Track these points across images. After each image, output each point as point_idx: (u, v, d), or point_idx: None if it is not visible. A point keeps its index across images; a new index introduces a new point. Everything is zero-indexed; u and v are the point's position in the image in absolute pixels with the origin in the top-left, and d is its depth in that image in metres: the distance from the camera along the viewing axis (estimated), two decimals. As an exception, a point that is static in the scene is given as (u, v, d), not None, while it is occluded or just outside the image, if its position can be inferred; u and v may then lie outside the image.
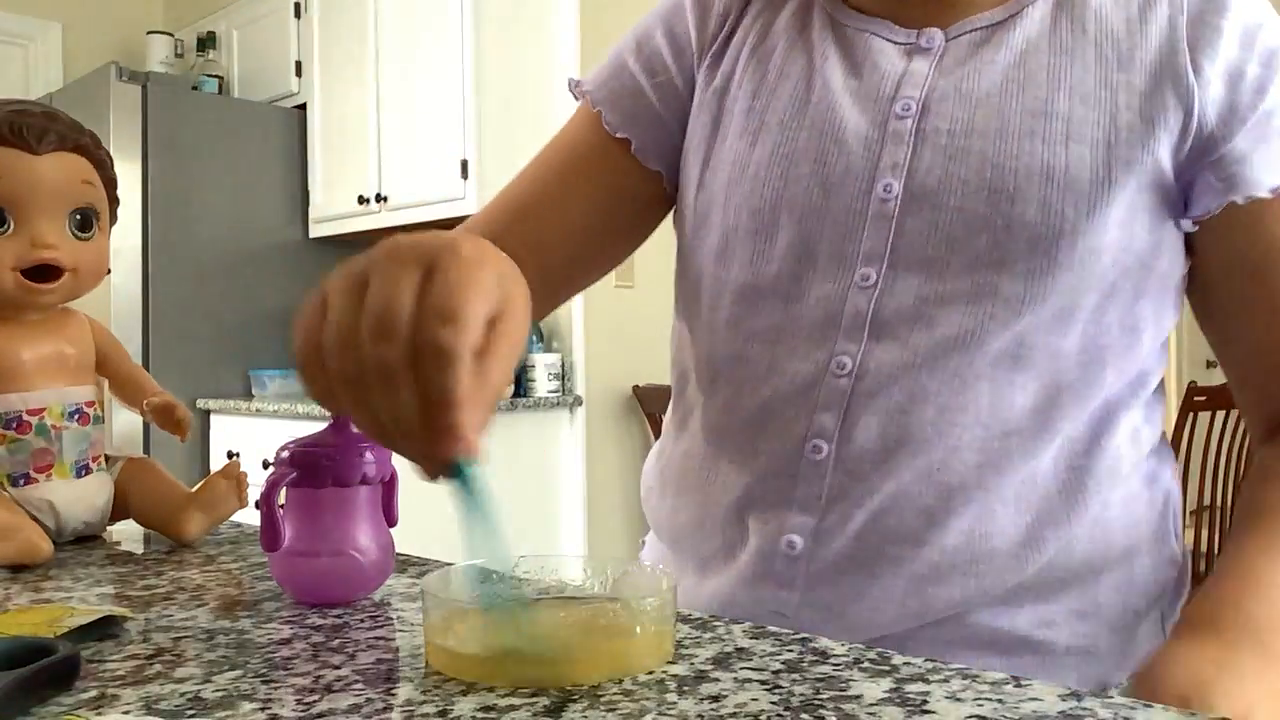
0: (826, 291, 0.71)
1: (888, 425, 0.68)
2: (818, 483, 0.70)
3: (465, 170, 2.92)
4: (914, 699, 0.45)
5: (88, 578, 0.72)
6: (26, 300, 0.79)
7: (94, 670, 0.51)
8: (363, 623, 0.59)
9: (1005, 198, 0.67)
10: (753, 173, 0.75)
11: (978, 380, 0.68)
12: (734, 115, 0.78)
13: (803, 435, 0.70)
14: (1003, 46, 0.71)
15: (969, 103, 0.70)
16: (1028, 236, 0.67)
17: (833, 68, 0.75)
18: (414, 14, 3.09)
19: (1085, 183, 0.67)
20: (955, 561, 0.68)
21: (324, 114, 3.41)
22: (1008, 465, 0.68)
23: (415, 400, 0.42)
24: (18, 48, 4.12)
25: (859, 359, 0.69)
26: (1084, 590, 0.72)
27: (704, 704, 0.45)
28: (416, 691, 0.47)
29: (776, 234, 0.73)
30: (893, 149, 0.71)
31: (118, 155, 3.01)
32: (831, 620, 0.69)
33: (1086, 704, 0.44)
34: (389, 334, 0.42)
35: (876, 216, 0.70)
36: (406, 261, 0.44)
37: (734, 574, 0.74)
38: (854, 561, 0.69)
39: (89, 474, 0.83)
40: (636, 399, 3.13)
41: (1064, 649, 0.71)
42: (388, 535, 0.65)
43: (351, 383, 0.43)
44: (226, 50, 3.80)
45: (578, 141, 0.85)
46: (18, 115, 0.76)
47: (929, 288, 0.68)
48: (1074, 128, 0.68)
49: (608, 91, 0.84)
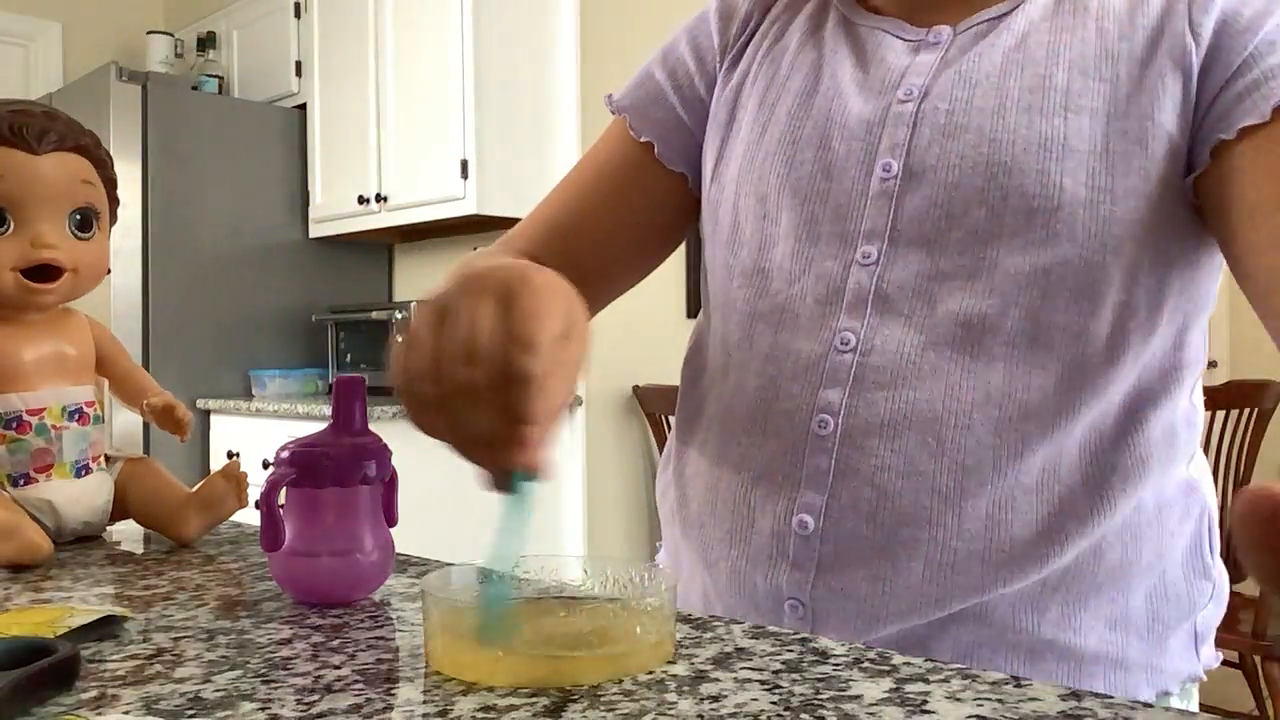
0: (828, 269, 0.72)
1: (894, 400, 0.68)
2: (824, 457, 0.69)
3: (465, 170, 2.92)
4: (914, 699, 0.45)
5: (88, 578, 0.72)
6: (26, 300, 0.79)
7: (94, 670, 0.51)
8: (363, 623, 0.59)
9: (1002, 170, 0.67)
10: (760, 160, 0.77)
11: (991, 360, 0.67)
12: (747, 110, 0.81)
13: (809, 411, 0.70)
14: (1005, 31, 0.72)
15: (969, 84, 0.71)
16: (1025, 208, 0.67)
17: (841, 61, 0.77)
18: (414, 14, 3.09)
19: (1084, 153, 0.67)
20: (974, 547, 0.67)
21: (324, 114, 3.41)
22: (1026, 450, 0.67)
23: (496, 416, 0.48)
24: (18, 48, 4.12)
25: (862, 335, 0.70)
26: (1114, 597, 0.71)
27: (704, 704, 0.45)
28: (416, 691, 0.47)
29: (780, 217, 0.75)
30: (893, 131, 0.72)
31: (118, 155, 3.02)
32: (850, 604, 0.69)
33: (1086, 704, 0.44)
34: (473, 359, 0.48)
35: (877, 195, 0.71)
36: (484, 292, 0.49)
37: (746, 557, 0.73)
38: (869, 543, 0.68)
39: (89, 474, 0.83)
40: (636, 399, 3.13)
41: (1091, 656, 0.70)
42: (388, 535, 0.65)
43: (442, 402, 0.49)
44: (226, 50, 3.80)
45: (609, 154, 0.89)
46: (18, 115, 0.76)
47: (930, 263, 0.69)
48: (1072, 99, 0.68)
49: (633, 99, 0.88)
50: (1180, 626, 0.74)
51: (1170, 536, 0.73)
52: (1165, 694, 0.74)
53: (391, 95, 3.16)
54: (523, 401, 0.48)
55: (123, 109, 3.12)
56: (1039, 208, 0.66)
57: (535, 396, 0.48)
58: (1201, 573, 0.76)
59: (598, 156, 0.90)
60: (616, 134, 0.89)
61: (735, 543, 0.74)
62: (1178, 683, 0.75)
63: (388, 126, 3.18)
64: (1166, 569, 0.73)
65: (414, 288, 3.65)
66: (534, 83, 3.06)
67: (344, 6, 3.31)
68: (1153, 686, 0.73)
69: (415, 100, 3.09)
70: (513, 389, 0.47)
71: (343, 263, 3.60)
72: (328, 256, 3.56)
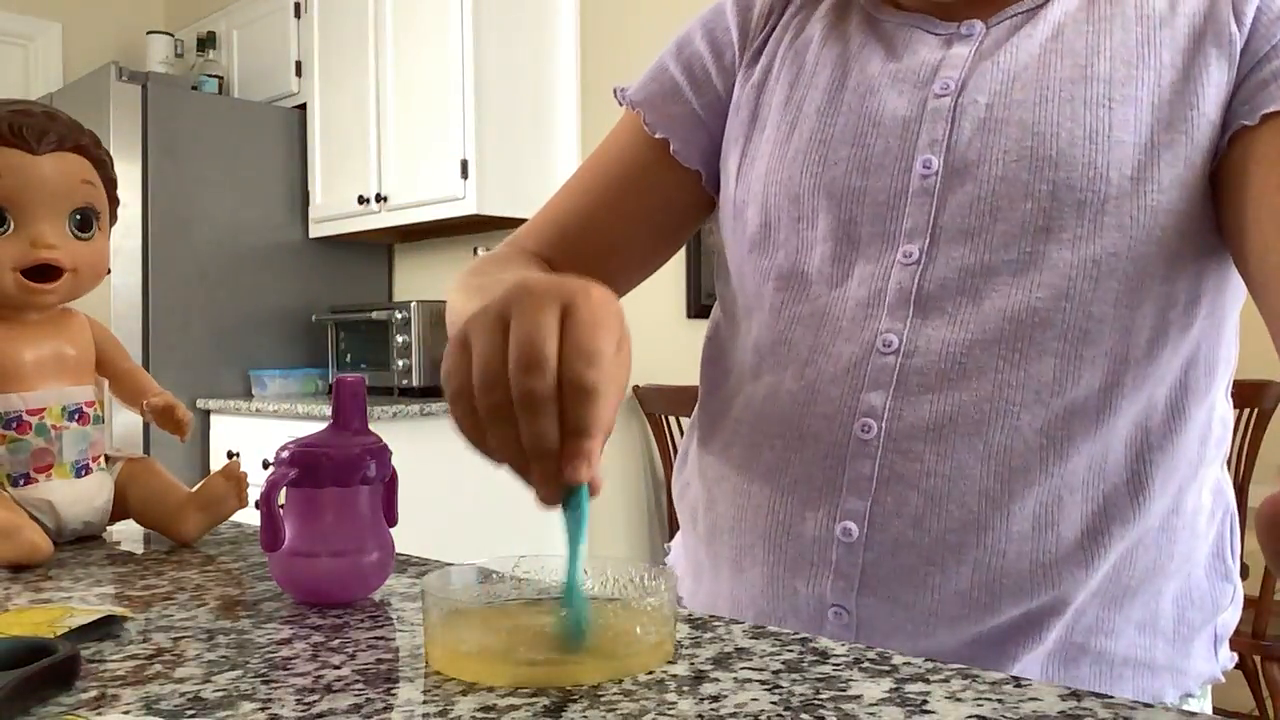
0: (869, 271, 0.70)
1: (940, 402, 0.66)
2: (867, 463, 0.68)
3: (465, 170, 2.92)
4: (914, 699, 0.45)
5: (88, 578, 0.72)
6: (26, 300, 0.79)
7: (94, 670, 0.51)
8: (363, 623, 0.59)
9: (1049, 164, 0.66)
10: (790, 160, 0.75)
11: (1041, 356, 0.66)
12: (771, 108, 0.79)
13: (851, 415, 0.69)
14: (1041, 22, 0.71)
15: (1007, 76, 0.69)
16: (1074, 201, 0.65)
17: (870, 55, 0.75)
18: (414, 14, 3.09)
19: (1130, 144, 0.66)
20: (1022, 549, 0.66)
21: (324, 114, 3.41)
22: (1073, 449, 0.66)
23: (556, 427, 0.47)
24: (18, 48, 4.12)
25: (904, 336, 0.68)
26: (1146, 600, 0.70)
27: (704, 704, 0.45)
28: (416, 691, 0.47)
29: (817, 219, 0.73)
30: (931, 126, 0.70)
31: (118, 155, 3.02)
32: (898, 612, 0.67)
33: (1086, 704, 0.44)
34: (536, 367, 0.46)
35: (917, 193, 0.69)
36: (546, 302, 0.48)
37: (784, 564, 0.71)
38: (915, 549, 0.67)
39: (89, 474, 0.83)
40: (636, 399, 3.12)
41: (1121, 659, 0.70)
42: (388, 535, 0.65)
43: (498, 412, 0.47)
44: (226, 50, 3.80)
45: (620, 150, 0.86)
46: (18, 115, 0.76)
47: (973, 259, 0.67)
48: (1116, 89, 0.67)
49: (647, 94, 0.85)
50: (1204, 629, 0.74)
51: (1199, 539, 0.73)
52: (1188, 696, 0.74)
53: (391, 95, 3.16)
54: (586, 414, 0.47)
55: (123, 109, 3.12)
56: (1087, 200, 0.65)
57: (599, 409, 0.47)
58: (1224, 575, 0.75)
59: (608, 153, 0.88)
60: (628, 130, 0.86)
61: (771, 549, 0.72)
62: (1199, 685, 0.75)
63: (388, 126, 3.18)
64: (1192, 571, 0.73)
65: (414, 288, 3.65)
66: (534, 83, 3.06)
67: (344, 6, 3.31)
68: (1177, 689, 0.73)
69: (415, 100, 3.09)
70: (576, 401, 0.46)
71: (342, 263, 3.60)
72: (327, 256, 3.56)
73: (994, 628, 0.67)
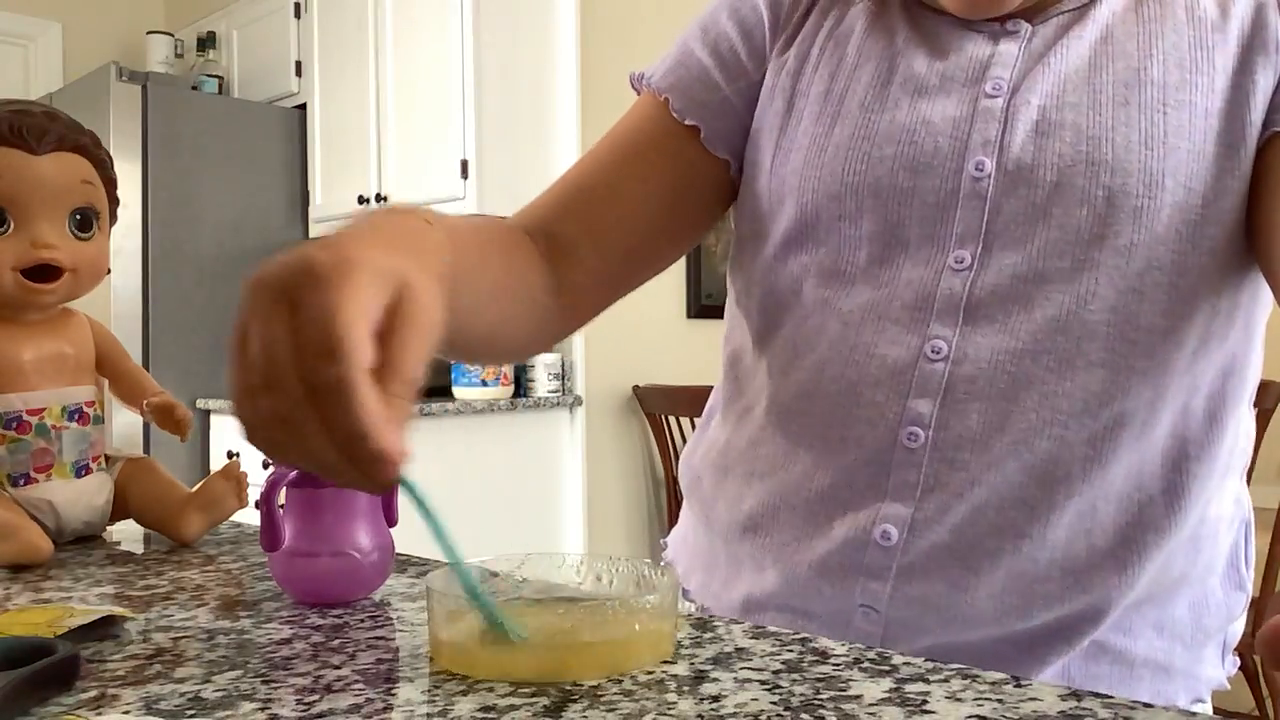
0: (918, 275, 0.68)
1: (988, 412, 0.65)
2: (913, 471, 0.67)
3: (465, 170, 2.92)
4: (914, 699, 0.45)
5: (88, 578, 0.72)
6: (26, 300, 0.79)
7: (94, 670, 0.51)
8: (363, 623, 0.59)
9: (1105, 169, 0.64)
10: (830, 155, 0.72)
11: (1090, 366, 0.65)
12: (809, 98, 0.75)
13: (896, 422, 0.67)
14: (1089, 23, 0.69)
15: (1059, 78, 0.68)
16: (1130, 207, 0.64)
17: (914, 51, 0.73)
18: (414, 14, 3.09)
19: (1184, 150, 0.64)
20: (1054, 557, 0.65)
21: (324, 114, 3.41)
22: (1114, 460, 0.66)
23: (327, 440, 0.41)
24: (18, 48, 4.12)
25: (954, 343, 0.66)
26: (1165, 603, 0.70)
27: (704, 704, 0.45)
28: (416, 691, 0.47)
29: (861, 218, 0.70)
30: (983, 127, 0.68)
31: (118, 155, 3.02)
32: (928, 614, 0.67)
33: (1086, 704, 0.44)
34: (276, 386, 0.41)
35: (969, 196, 0.67)
36: (269, 299, 0.42)
37: (810, 563, 0.70)
38: (951, 553, 0.66)
39: (89, 474, 0.83)
40: (636, 399, 3.12)
41: (1141, 661, 0.70)
42: (388, 535, 0.65)
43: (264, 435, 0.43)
44: (226, 50, 3.80)
45: (640, 131, 0.81)
46: (18, 115, 0.76)
47: (1025, 266, 0.66)
48: (1170, 94, 0.65)
49: (675, 79, 0.80)
50: (1217, 635, 0.74)
51: (1217, 547, 0.72)
52: (1198, 700, 0.74)
53: (391, 95, 3.16)
54: (348, 420, 0.40)
55: (123, 109, 3.12)
56: (1142, 207, 0.64)
57: (358, 404, 0.40)
58: (1238, 584, 0.75)
59: (625, 133, 0.82)
60: (649, 114, 0.81)
61: (801, 549, 0.71)
62: (1208, 690, 0.75)
63: (388, 126, 3.18)
64: (1208, 579, 0.73)
65: (414, 288, 3.65)
66: (534, 83, 3.06)
67: (344, 6, 3.31)
68: (1189, 693, 0.73)
69: (415, 100, 3.09)
70: (332, 409, 0.40)
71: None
72: (328, 256, 3.56)
73: (1023, 631, 0.67)
